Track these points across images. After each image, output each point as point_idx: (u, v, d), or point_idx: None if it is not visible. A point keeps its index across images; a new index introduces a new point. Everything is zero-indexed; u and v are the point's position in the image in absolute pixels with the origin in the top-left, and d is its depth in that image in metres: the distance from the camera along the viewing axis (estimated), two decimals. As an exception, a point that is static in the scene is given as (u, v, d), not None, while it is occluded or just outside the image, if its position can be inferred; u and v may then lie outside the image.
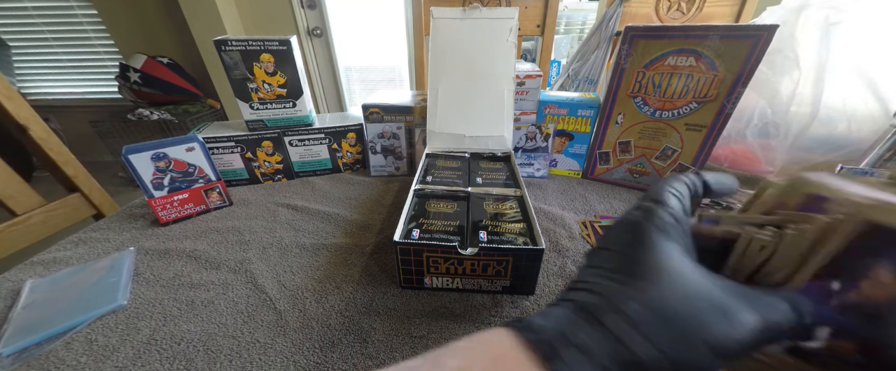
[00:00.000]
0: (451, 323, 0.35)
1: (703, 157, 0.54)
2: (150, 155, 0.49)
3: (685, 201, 0.21)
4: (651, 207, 0.19)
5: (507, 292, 0.39)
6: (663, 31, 0.51)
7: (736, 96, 0.49)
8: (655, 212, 0.19)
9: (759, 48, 0.45)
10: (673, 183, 0.21)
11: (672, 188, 0.21)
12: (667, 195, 0.20)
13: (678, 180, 0.22)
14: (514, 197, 0.46)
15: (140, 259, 0.46)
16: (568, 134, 0.63)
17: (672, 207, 0.19)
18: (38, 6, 1.84)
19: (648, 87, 0.54)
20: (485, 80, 0.59)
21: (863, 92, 0.59)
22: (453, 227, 0.39)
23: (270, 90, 0.59)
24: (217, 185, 0.56)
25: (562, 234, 0.49)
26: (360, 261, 0.45)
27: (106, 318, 0.37)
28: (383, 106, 0.62)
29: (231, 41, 0.54)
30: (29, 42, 1.95)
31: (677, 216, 0.19)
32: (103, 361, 0.32)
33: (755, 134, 0.65)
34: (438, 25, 0.58)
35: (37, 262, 0.45)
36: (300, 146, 0.65)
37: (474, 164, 0.56)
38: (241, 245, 0.48)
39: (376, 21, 1.92)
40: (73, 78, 2.08)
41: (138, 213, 0.56)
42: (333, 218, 0.54)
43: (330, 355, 0.32)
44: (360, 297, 0.39)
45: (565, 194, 0.61)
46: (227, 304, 0.38)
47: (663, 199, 0.20)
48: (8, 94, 0.61)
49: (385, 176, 0.69)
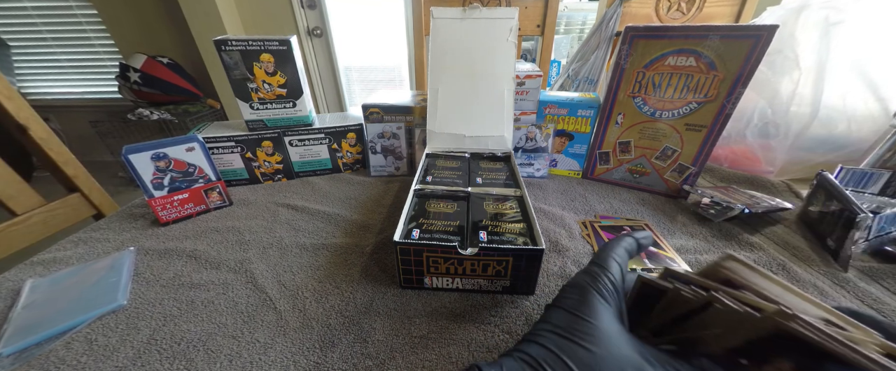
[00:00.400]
0: (451, 323, 0.35)
1: (702, 158, 0.54)
2: (150, 155, 0.49)
3: (624, 265, 0.26)
4: (597, 273, 0.24)
5: (507, 292, 0.39)
6: (663, 31, 0.51)
7: (736, 96, 0.49)
8: (599, 279, 0.24)
9: (759, 48, 0.45)
10: (616, 249, 0.27)
11: (615, 255, 0.26)
12: (610, 262, 0.25)
13: (620, 246, 0.27)
14: (514, 197, 0.46)
15: (140, 259, 0.46)
16: (568, 134, 0.63)
17: (613, 274, 0.24)
18: (37, 6, 1.84)
19: (648, 87, 0.54)
20: (485, 80, 0.59)
21: (863, 92, 0.59)
22: (453, 227, 0.39)
23: (270, 90, 0.59)
24: (217, 184, 0.56)
25: (562, 234, 0.49)
26: (360, 261, 0.45)
27: (106, 318, 0.37)
28: (383, 106, 0.62)
29: (231, 41, 0.54)
30: (29, 42, 1.95)
31: (616, 282, 0.24)
32: (103, 361, 0.32)
33: (755, 134, 0.65)
34: (438, 25, 0.58)
35: (37, 262, 0.45)
36: (300, 146, 0.65)
37: (474, 164, 0.56)
38: (241, 245, 0.48)
39: (376, 21, 1.92)
40: (72, 78, 2.08)
41: (138, 213, 0.56)
42: (333, 218, 0.54)
43: (330, 355, 0.32)
44: (360, 297, 0.39)
45: (565, 194, 0.61)
46: (227, 304, 0.38)
47: (607, 265, 0.25)
48: (8, 94, 0.61)
49: (385, 176, 0.69)
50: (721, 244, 0.47)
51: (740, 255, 0.45)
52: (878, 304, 0.37)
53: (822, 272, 0.42)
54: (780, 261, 0.43)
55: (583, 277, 0.25)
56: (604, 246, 0.28)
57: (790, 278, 0.41)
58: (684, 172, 0.57)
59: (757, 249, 0.46)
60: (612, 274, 0.24)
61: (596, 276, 0.24)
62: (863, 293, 0.38)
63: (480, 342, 0.33)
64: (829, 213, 0.45)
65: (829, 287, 0.39)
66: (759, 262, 0.43)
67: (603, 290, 0.23)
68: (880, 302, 0.37)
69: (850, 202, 0.42)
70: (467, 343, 0.33)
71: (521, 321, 0.36)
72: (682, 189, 0.57)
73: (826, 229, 0.45)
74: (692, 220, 0.53)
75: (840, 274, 0.41)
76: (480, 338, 0.34)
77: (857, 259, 0.43)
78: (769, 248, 0.46)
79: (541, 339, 0.21)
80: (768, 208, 0.49)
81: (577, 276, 0.25)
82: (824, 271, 0.42)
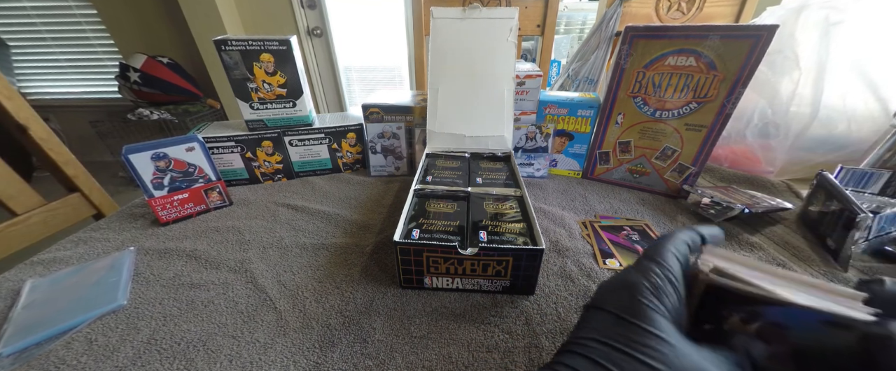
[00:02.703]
0: (452, 323, 0.35)
1: (703, 158, 0.54)
2: (150, 155, 0.49)
3: (686, 261, 0.22)
4: (650, 269, 0.20)
5: (507, 292, 0.39)
6: (663, 31, 0.51)
7: (736, 96, 0.49)
8: (654, 275, 0.20)
9: (759, 48, 0.45)
10: (677, 244, 0.22)
11: (675, 249, 0.22)
12: (669, 256, 0.21)
13: (681, 241, 0.23)
14: (514, 197, 0.46)
15: (140, 259, 0.46)
16: (568, 134, 0.63)
17: (671, 269, 0.20)
18: (37, 6, 1.84)
19: (648, 87, 0.54)
20: (485, 80, 0.59)
21: (863, 92, 0.59)
22: (453, 227, 0.39)
23: (270, 90, 0.59)
24: (217, 184, 0.56)
25: (562, 234, 0.49)
26: (360, 261, 0.45)
27: (106, 317, 0.37)
28: (383, 106, 0.62)
29: (231, 41, 0.54)
30: (28, 42, 1.95)
31: (675, 279, 0.20)
32: (103, 361, 0.32)
33: (755, 134, 0.65)
34: (438, 25, 0.58)
35: (37, 262, 0.45)
36: (300, 146, 0.65)
37: (474, 164, 0.56)
38: (241, 245, 0.48)
39: (376, 21, 1.92)
40: (72, 78, 2.08)
41: (138, 213, 0.56)
42: (333, 218, 0.54)
43: (330, 355, 0.32)
44: (360, 297, 0.39)
45: (565, 194, 0.61)
46: (227, 304, 0.38)
47: (665, 259, 0.21)
48: (8, 94, 0.61)
49: (385, 176, 0.69)
50: (721, 244, 0.47)
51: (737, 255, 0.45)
52: (878, 304, 0.37)
53: (822, 272, 0.42)
54: (780, 261, 0.43)
55: (632, 274, 0.20)
56: (661, 238, 0.23)
57: (790, 278, 0.41)
58: (684, 172, 0.57)
59: (757, 249, 0.46)
60: (671, 270, 0.20)
61: (649, 273, 0.20)
62: (863, 293, 0.38)
63: (480, 342, 0.33)
64: (829, 213, 0.45)
65: (829, 287, 0.39)
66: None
67: (659, 290, 0.19)
68: (880, 302, 0.37)
69: (850, 202, 0.42)
70: (467, 343, 0.33)
71: (521, 321, 0.36)
72: (682, 189, 0.57)
73: (826, 229, 0.45)
74: (692, 221, 0.53)
75: (840, 274, 0.41)
76: (480, 338, 0.34)
77: (857, 259, 0.43)
78: (769, 248, 0.46)
79: (586, 350, 0.18)
80: (768, 208, 0.49)
81: (624, 271, 0.21)
82: (824, 271, 0.42)
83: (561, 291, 0.39)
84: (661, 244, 0.22)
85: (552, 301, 0.38)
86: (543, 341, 0.33)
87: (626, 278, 0.20)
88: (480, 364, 0.31)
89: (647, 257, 0.21)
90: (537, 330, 0.35)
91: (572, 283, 0.40)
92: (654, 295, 0.19)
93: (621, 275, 0.21)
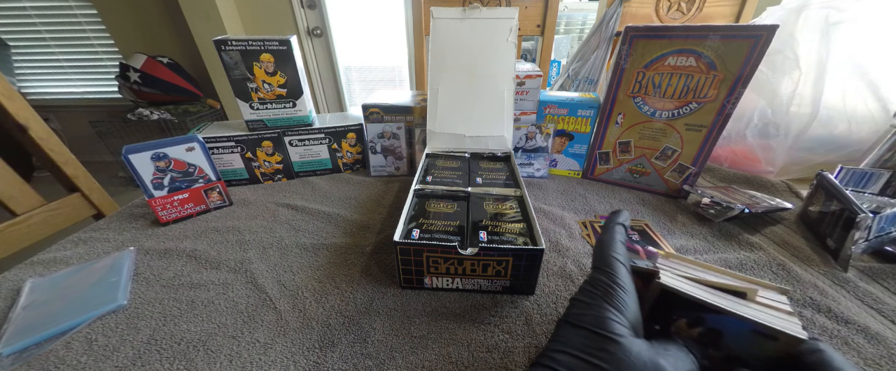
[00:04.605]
0: (452, 323, 0.35)
1: (702, 158, 0.54)
2: (150, 155, 0.49)
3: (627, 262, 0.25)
4: (602, 281, 0.23)
5: (507, 292, 0.39)
6: (663, 31, 0.51)
7: (736, 96, 0.49)
8: (604, 286, 0.23)
9: (759, 48, 0.45)
10: (614, 247, 0.25)
11: (615, 254, 0.25)
12: (613, 263, 0.24)
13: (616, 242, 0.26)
14: (514, 197, 0.46)
15: (140, 259, 0.46)
16: (568, 134, 0.63)
17: (620, 278, 0.23)
18: (37, 6, 1.84)
19: (648, 87, 0.54)
20: (485, 80, 0.59)
21: (863, 92, 0.59)
22: (453, 227, 0.39)
23: (270, 90, 0.59)
24: (217, 184, 0.56)
25: (562, 234, 0.49)
26: (360, 261, 0.45)
27: (106, 318, 0.37)
28: (383, 106, 0.62)
29: (231, 41, 0.54)
30: (28, 42, 1.95)
31: (625, 286, 0.23)
32: (103, 361, 0.32)
33: (755, 134, 0.65)
34: (438, 25, 0.58)
35: (37, 262, 0.45)
36: (300, 146, 0.65)
37: (474, 164, 0.56)
38: (241, 245, 0.48)
39: (376, 21, 1.92)
40: (72, 78, 2.08)
41: (138, 213, 0.56)
42: (333, 218, 0.54)
43: (330, 355, 0.32)
44: (360, 297, 0.39)
45: (565, 194, 0.61)
46: (227, 304, 0.38)
47: (611, 267, 0.24)
48: (8, 94, 0.61)
49: (385, 176, 0.69)
50: (721, 244, 0.47)
51: (735, 255, 0.45)
52: (879, 303, 0.37)
53: (822, 272, 0.42)
54: (780, 261, 0.43)
55: (589, 288, 0.23)
56: (599, 246, 0.26)
57: (790, 278, 0.41)
58: (684, 172, 0.57)
59: (757, 249, 0.46)
60: (620, 278, 0.23)
61: (600, 284, 0.23)
62: (863, 293, 0.38)
63: (480, 342, 0.33)
64: (829, 213, 0.45)
65: (829, 287, 0.39)
66: (759, 261, 0.43)
67: (614, 299, 0.22)
68: (880, 302, 0.37)
69: (850, 202, 0.42)
70: (467, 343, 0.33)
71: (521, 321, 0.36)
72: (682, 189, 0.57)
73: (826, 229, 0.45)
74: (692, 221, 0.53)
75: (840, 274, 0.41)
76: (480, 338, 0.34)
77: (857, 259, 0.43)
78: (769, 248, 0.46)
79: (555, 363, 0.20)
80: (768, 208, 0.49)
81: (583, 285, 0.24)
82: (824, 271, 0.42)
83: (561, 291, 0.39)
84: (604, 251, 0.25)
85: (552, 301, 0.38)
86: (543, 341, 0.33)
87: (584, 293, 0.23)
88: (480, 364, 0.31)
89: (596, 269, 0.24)
90: (537, 330, 0.35)
91: (572, 283, 0.40)
92: (609, 303, 0.22)
93: (581, 288, 0.24)
